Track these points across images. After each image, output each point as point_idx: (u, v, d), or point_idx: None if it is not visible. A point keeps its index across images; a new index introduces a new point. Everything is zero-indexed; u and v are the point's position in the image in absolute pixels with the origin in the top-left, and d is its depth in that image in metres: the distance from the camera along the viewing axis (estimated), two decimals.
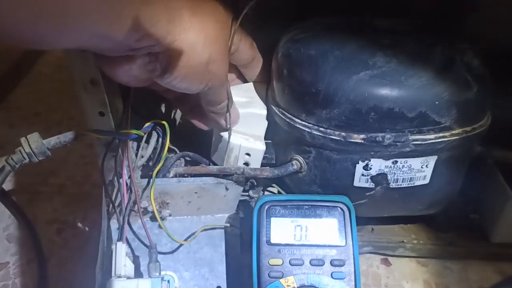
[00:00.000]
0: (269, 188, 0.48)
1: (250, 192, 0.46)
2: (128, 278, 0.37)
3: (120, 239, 0.40)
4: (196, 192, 0.44)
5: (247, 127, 0.45)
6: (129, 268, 0.38)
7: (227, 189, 0.44)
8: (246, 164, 0.45)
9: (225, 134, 0.44)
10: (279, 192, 0.48)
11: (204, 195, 0.45)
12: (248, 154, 0.44)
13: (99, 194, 0.44)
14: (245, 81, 0.48)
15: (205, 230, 0.46)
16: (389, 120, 0.37)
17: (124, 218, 0.41)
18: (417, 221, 0.52)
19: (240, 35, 0.41)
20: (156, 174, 0.43)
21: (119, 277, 0.36)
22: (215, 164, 0.47)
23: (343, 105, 0.38)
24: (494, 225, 0.50)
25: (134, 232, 0.44)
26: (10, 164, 0.38)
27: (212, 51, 0.35)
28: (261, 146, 0.44)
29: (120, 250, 0.37)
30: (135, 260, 0.43)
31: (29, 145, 0.37)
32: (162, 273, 0.38)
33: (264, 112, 0.45)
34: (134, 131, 0.41)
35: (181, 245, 0.45)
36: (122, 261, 0.37)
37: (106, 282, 0.36)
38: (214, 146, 0.46)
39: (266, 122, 0.45)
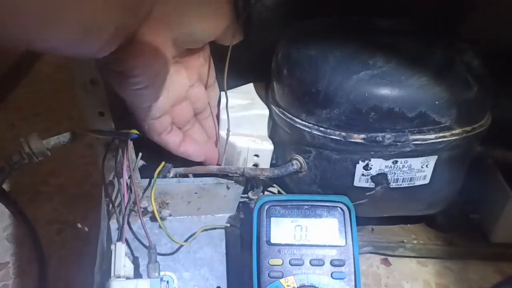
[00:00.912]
0: (269, 188, 0.48)
1: (250, 194, 0.46)
2: (128, 278, 0.37)
3: (119, 239, 0.40)
4: (196, 193, 0.44)
5: (252, 128, 0.45)
6: (129, 268, 0.38)
7: (228, 188, 0.44)
8: (256, 165, 0.45)
9: (231, 138, 0.44)
10: (279, 192, 0.48)
11: (204, 195, 0.45)
12: (256, 156, 0.44)
13: (99, 194, 0.44)
14: None
15: (206, 230, 0.46)
16: (389, 120, 0.37)
17: (123, 218, 0.41)
18: (417, 221, 0.52)
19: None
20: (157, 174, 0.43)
21: (118, 277, 0.36)
22: None
23: (343, 105, 0.38)
24: (494, 225, 0.50)
25: (134, 232, 0.44)
26: (10, 164, 0.38)
27: None
28: (268, 146, 0.44)
29: (120, 250, 0.37)
30: (135, 260, 0.43)
31: (28, 145, 0.37)
32: (162, 273, 0.38)
33: (267, 111, 0.45)
34: (134, 131, 0.41)
35: (181, 245, 0.45)
36: (121, 261, 0.37)
37: (105, 282, 0.36)
38: (220, 152, 0.46)
39: (270, 121, 0.45)
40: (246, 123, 0.44)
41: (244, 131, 0.44)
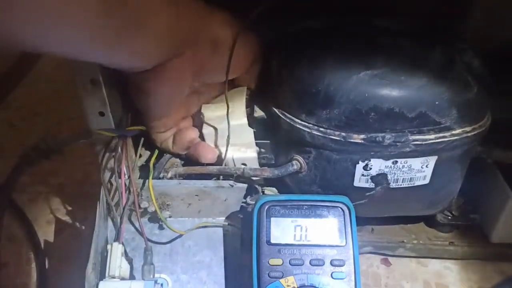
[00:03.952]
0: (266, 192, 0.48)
1: (248, 199, 0.46)
2: (123, 279, 0.37)
3: (116, 239, 0.40)
4: (197, 195, 0.44)
5: (234, 138, 0.44)
6: (124, 269, 0.38)
7: (231, 186, 0.44)
8: None
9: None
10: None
11: (204, 198, 0.45)
12: (244, 164, 0.44)
13: (99, 194, 0.44)
14: None
15: (205, 228, 0.46)
16: (389, 120, 0.37)
17: (121, 218, 0.41)
18: (417, 221, 0.52)
19: None
20: (154, 167, 0.43)
21: (113, 277, 0.36)
22: None
23: (343, 105, 0.38)
24: (494, 225, 0.50)
25: (133, 233, 0.44)
26: (26, 161, 0.38)
27: None
28: (253, 153, 0.44)
29: (116, 251, 0.37)
30: (132, 261, 0.43)
31: (46, 143, 0.38)
32: (156, 275, 0.38)
33: (245, 120, 0.44)
34: (139, 127, 0.42)
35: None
36: (117, 261, 0.37)
37: (99, 282, 0.36)
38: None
39: (251, 129, 0.45)
40: (227, 134, 0.44)
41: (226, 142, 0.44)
